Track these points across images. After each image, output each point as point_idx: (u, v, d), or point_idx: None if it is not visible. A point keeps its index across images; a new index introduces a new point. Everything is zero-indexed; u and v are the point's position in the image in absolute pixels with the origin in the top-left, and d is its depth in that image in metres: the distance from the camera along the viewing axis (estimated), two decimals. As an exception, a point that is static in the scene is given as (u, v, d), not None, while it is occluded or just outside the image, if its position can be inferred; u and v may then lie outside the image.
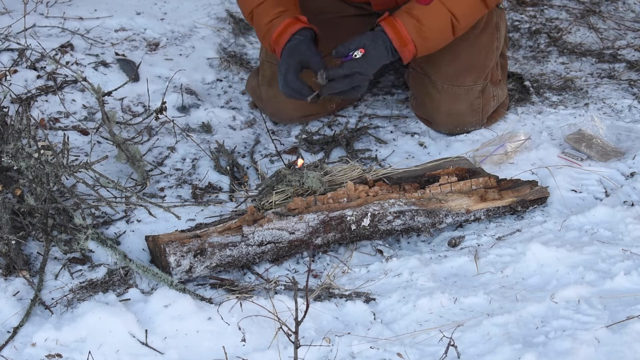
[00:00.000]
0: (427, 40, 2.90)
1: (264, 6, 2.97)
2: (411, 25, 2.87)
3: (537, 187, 2.86)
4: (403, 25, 2.87)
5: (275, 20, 2.94)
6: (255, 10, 2.99)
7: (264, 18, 2.97)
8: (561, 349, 2.20)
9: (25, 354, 2.25)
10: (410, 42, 2.88)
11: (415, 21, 2.87)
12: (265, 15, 2.96)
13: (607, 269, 2.52)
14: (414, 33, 2.87)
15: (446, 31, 2.92)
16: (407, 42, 2.87)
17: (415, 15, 2.88)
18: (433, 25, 2.89)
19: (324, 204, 2.65)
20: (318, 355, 2.27)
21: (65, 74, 3.39)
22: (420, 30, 2.87)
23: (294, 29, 2.90)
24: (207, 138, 3.23)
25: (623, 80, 3.61)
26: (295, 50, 2.88)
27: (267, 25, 2.95)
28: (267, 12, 2.96)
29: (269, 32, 2.94)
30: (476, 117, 3.20)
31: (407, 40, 2.87)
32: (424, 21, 2.87)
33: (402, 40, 2.87)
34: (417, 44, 2.89)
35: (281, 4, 2.97)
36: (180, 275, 2.48)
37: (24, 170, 2.52)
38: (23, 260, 2.52)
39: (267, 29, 2.95)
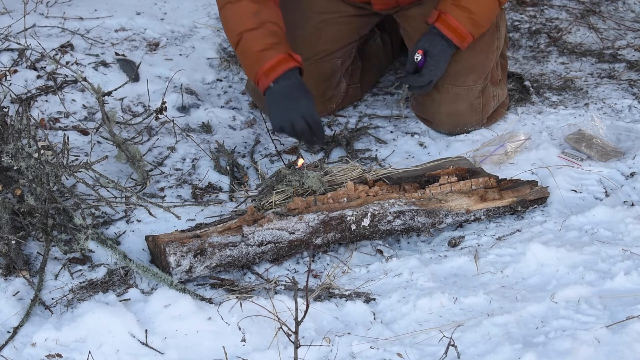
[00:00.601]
0: (481, 27, 3.04)
1: (256, 33, 2.92)
2: (464, 19, 2.98)
3: (537, 187, 2.86)
4: (457, 21, 2.98)
5: (267, 51, 2.89)
6: (246, 34, 2.93)
7: (255, 45, 2.92)
8: (561, 349, 2.20)
9: (25, 354, 2.25)
10: (468, 35, 3.00)
11: (466, 13, 2.98)
12: (256, 42, 2.91)
13: (607, 269, 2.52)
14: (469, 25, 2.99)
15: (494, 8, 3.04)
16: (465, 36, 3.01)
17: (464, 6, 2.98)
18: (484, 10, 3.01)
19: (324, 204, 2.65)
20: (318, 355, 2.27)
21: (65, 74, 3.39)
22: (473, 21, 2.99)
23: (288, 66, 2.88)
24: (207, 138, 3.23)
25: (623, 80, 3.61)
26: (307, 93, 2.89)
27: (258, 53, 2.90)
28: (260, 40, 2.91)
29: (259, 61, 2.90)
30: (476, 117, 3.20)
31: (465, 34, 3.00)
32: (474, 10, 2.98)
33: (461, 36, 3.00)
34: (473, 33, 3.01)
35: (274, 35, 2.93)
36: (180, 275, 2.48)
37: (24, 170, 2.52)
38: (23, 260, 2.52)
39: (257, 57, 2.91)
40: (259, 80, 2.92)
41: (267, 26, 2.93)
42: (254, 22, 2.93)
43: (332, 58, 3.27)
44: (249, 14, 2.94)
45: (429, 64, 3.02)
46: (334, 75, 3.30)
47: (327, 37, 3.25)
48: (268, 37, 2.91)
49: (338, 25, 3.26)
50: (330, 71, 3.28)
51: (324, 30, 3.25)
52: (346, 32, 3.29)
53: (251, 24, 2.93)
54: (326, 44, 3.26)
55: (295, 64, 2.90)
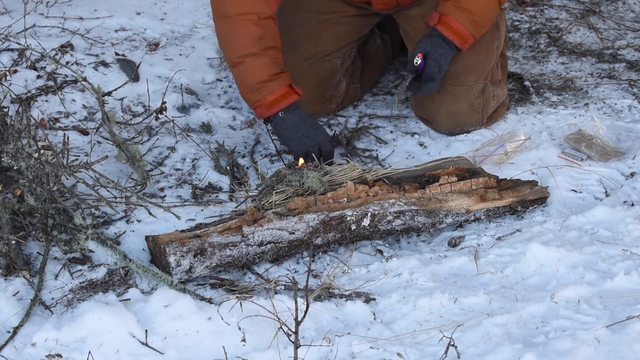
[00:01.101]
0: (482, 28, 3.04)
1: (260, 62, 2.92)
2: (465, 20, 2.98)
3: (537, 187, 2.86)
4: (458, 23, 2.98)
5: (270, 83, 2.92)
6: (249, 60, 2.93)
7: (257, 75, 2.93)
8: (561, 349, 2.20)
9: (25, 354, 2.25)
10: (470, 36, 3.00)
11: (467, 14, 2.98)
12: (259, 72, 2.92)
13: (607, 269, 2.52)
14: (470, 27, 2.99)
15: (494, 7, 3.04)
16: (466, 38, 3.00)
17: (465, 7, 2.98)
18: (484, 10, 3.01)
19: (324, 204, 2.65)
20: (318, 355, 2.27)
21: (65, 74, 3.39)
22: (474, 21, 2.99)
23: (291, 100, 2.94)
24: (207, 138, 3.23)
25: (623, 80, 3.61)
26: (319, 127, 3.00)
27: (260, 84, 2.92)
28: (263, 71, 2.92)
29: (262, 92, 2.92)
30: (476, 117, 3.20)
31: (466, 35, 3.00)
32: (474, 10, 2.98)
33: (462, 37, 3.00)
34: (474, 34, 3.01)
35: (277, 64, 2.94)
36: (180, 275, 2.48)
37: (24, 170, 2.52)
38: (23, 260, 2.52)
39: (258, 87, 2.93)
40: (257, 108, 2.97)
41: (269, 54, 2.93)
42: (258, 48, 2.92)
43: (332, 58, 3.27)
44: (253, 38, 2.92)
45: (430, 66, 3.01)
46: (334, 75, 3.30)
47: (327, 37, 3.25)
48: (271, 67, 2.93)
49: (338, 26, 3.26)
50: (330, 71, 3.28)
51: (324, 30, 3.25)
52: (346, 32, 3.29)
53: (254, 49, 2.92)
54: (326, 44, 3.26)
55: (297, 97, 2.96)
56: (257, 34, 2.92)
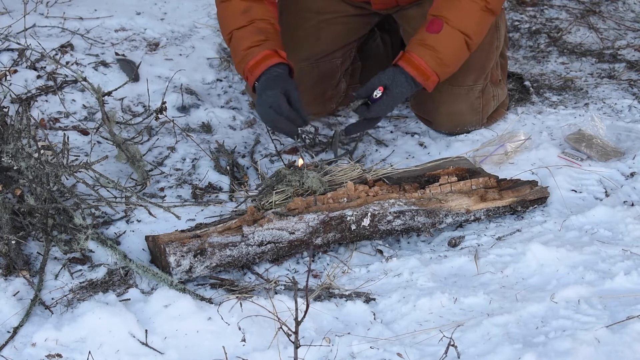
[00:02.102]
0: (447, 67, 2.94)
1: (245, 31, 2.95)
2: (429, 57, 2.90)
3: (537, 187, 2.86)
4: (421, 59, 2.89)
5: (254, 48, 2.92)
6: (235, 32, 2.97)
7: (242, 43, 2.95)
8: (561, 349, 2.20)
9: (25, 354, 2.25)
10: (433, 74, 2.91)
11: (431, 52, 2.90)
12: (244, 40, 2.95)
13: (607, 269, 2.52)
14: (433, 64, 2.90)
15: (462, 51, 2.95)
16: (429, 75, 2.91)
17: (429, 45, 2.90)
18: (449, 51, 2.92)
19: (324, 204, 2.65)
20: (318, 355, 2.27)
21: (65, 74, 3.39)
22: (438, 59, 2.90)
23: (272, 61, 2.90)
24: (207, 138, 3.23)
25: (623, 80, 3.61)
26: (277, 82, 2.86)
27: (244, 51, 2.93)
28: (247, 38, 2.94)
29: (245, 59, 2.93)
30: (476, 117, 3.20)
31: (428, 72, 2.90)
32: (439, 49, 2.89)
33: (424, 74, 2.91)
34: (438, 72, 2.92)
35: (262, 32, 2.95)
36: (180, 275, 2.48)
37: (24, 170, 2.52)
38: (23, 260, 2.52)
39: (243, 55, 2.94)
40: (247, 78, 2.95)
41: (255, 24, 2.95)
42: (244, 20, 2.96)
43: (332, 58, 3.27)
44: (239, 11, 2.97)
45: (384, 102, 2.91)
46: (333, 75, 3.30)
47: (326, 37, 3.25)
48: (255, 35, 2.94)
49: (337, 25, 3.26)
50: (330, 71, 3.28)
51: (323, 30, 3.25)
52: (346, 32, 3.29)
53: (241, 22, 2.96)
54: (326, 44, 3.26)
55: (279, 60, 2.91)
56: (243, 7, 2.96)
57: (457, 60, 2.98)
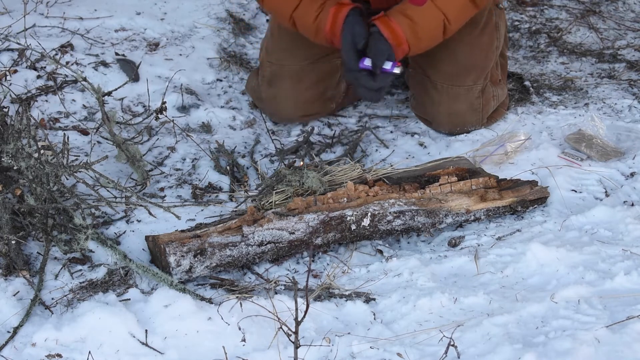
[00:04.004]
0: (420, 40, 2.91)
1: (303, 7, 2.93)
2: (405, 25, 2.88)
3: (537, 187, 2.86)
4: (398, 25, 2.88)
5: (320, 15, 2.90)
6: (295, 14, 2.95)
7: (307, 19, 2.93)
8: (561, 349, 2.20)
9: (25, 354, 2.25)
10: (405, 42, 2.88)
11: (409, 21, 2.88)
12: (307, 15, 2.92)
13: (607, 269, 2.52)
14: (408, 32, 2.88)
15: (437, 31, 2.93)
16: (401, 41, 2.88)
17: (409, 15, 2.89)
18: (426, 25, 2.90)
19: (324, 204, 2.65)
20: (318, 355, 2.27)
21: (65, 74, 3.39)
22: (414, 30, 2.88)
23: (343, 14, 2.88)
24: (207, 138, 3.23)
25: (623, 80, 3.61)
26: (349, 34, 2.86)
27: (314, 24, 2.92)
28: (308, 12, 2.92)
29: (320, 30, 2.91)
30: (476, 117, 3.20)
31: (401, 39, 2.88)
32: (417, 21, 2.88)
33: (398, 39, 2.88)
34: (410, 43, 2.89)
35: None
36: (180, 275, 2.48)
37: (24, 170, 2.52)
38: (23, 260, 2.52)
39: (315, 28, 2.92)
40: (333, 44, 2.93)
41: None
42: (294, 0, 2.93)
43: (332, 58, 3.27)
44: None
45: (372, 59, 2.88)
46: (334, 75, 3.29)
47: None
48: (313, 4, 2.91)
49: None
50: (330, 71, 3.28)
51: (323, 30, 3.25)
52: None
53: (293, 2, 2.93)
54: (326, 44, 3.25)
55: (348, 8, 2.88)
56: None
57: (430, 38, 2.95)
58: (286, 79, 3.23)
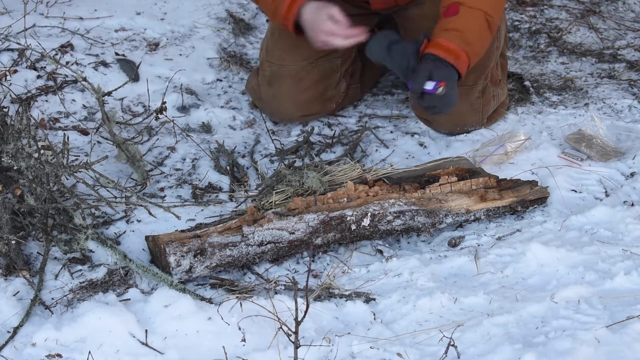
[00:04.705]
0: (473, 45, 2.92)
1: None
2: (453, 37, 2.88)
3: (537, 187, 2.86)
4: (446, 40, 2.87)
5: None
6: None
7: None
8: (561, 349, 2.20)
9: (25, 354, 2.25)
10: (461, 52, 2.88)
11: (454, 32, 2.88)
12: None
13: (607, 269, 2.52)
14: (459, 42, 2.88)
15: (484, 29, 2.94)
16: (459, 54, 2.88)
17: (451, 27, 2.90)
18: (472, 29, 2.91)
19: (324, 204, 2.65)
20: (318, 355, 2.27)
21: (65, 74, 3.39)
22: (463, 37, 2.89)
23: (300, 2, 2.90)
24: (207, 138, 3.23)
25: (623, 80, 3.61)
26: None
27: (273, 3, 2.93)
28: None
29: (278, 8, 2.93)
30: (476, 117, 3.20)
31: (457, 51, 2.87)
32: (461, 28, 2.89)
33: (454, 53, 2.87)
34: (467, 51, 2.89)
35: None
36: (180, 275, 2.48)
37: (24, 170, 2.52)
38: (23, 260, 2.52)
39: (275, 5, 2.94)
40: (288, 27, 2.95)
41: None
42: None
43: (332, 58, 3.27)
44: None
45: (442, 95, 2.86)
46: (333, 75, 3.30)
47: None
48: None
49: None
50: (330, 71, 3.28)
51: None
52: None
53: None
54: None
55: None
56: None
57: (481, 39, 2.97)
58: (286, 79, 3.23)
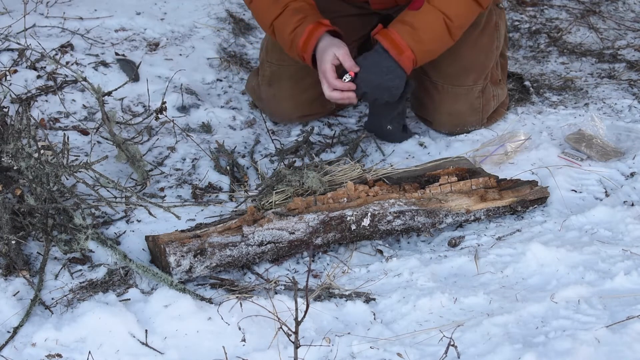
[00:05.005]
0: (423, 44, 2.90)
1: (283, 17, 2.95)
2: (404, 32, 2.88)
3: (537, 187, 2.86)
4: (396, 33, 2.88)
5: (297, 29, 2.92)
6: (275, 22, 2.97)
7: (285, 29, 2.94)
8: (561, 349, 2.20)
9: (25, 354, 2.25)
10: (407, 48, 2.88)
11: (408, 27, 2.88)
12: (286, 26, 2.94)
13: (607, 269, 2.52)
14: (408, 38, 2.87)
15: (441, 32, 2.91)
16: (403, 49, 2.88)
17: (407, 21, 2.90)
18: (426, 28, 2.89)
19: (324, 204, 2.65)
20: (318, 355, 2.27)
21: (65, 74, 3.39)
22: (414, 35, 2.87)
23: (319, 33, 2.91)
24: (207, 138, 3.23)
25: (623, 80, 3.61)
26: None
27: (290, 35, 2.93)
28: (288, 23, 2.94)
29: (294, 42, 2.93)
30: (476, 117, 3.20)
31: (402, 46, 2.88)
32: (416, 25, 2.88)
33: (398, 48, 2.88)
34: (413, 49, 2.88)
35: (300, 11, 2.94)
36: (180, 275, 2.48)
37: (24, 170, 2.52)
38: (23, 260, 2.52)
39: (291, 39, 2.94)
40: (304, 59, 2.96)
41: (290, 6, 2.95)
42: (278, 9, 2.96)
43: (332, 58, 3.27)
44: (270, 2, 2.97)
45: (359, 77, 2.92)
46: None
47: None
48: (294, 16, 2.93)
49: (338, 25, 3.25)
50: (331, 71, 3.28)
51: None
52: (346, 31, 3.28)
53: (276, 11, 2.96)
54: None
55: (324, 29, 2.92)
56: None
57: (435, 41, 2.94)
58: (286, 79, 3.23)
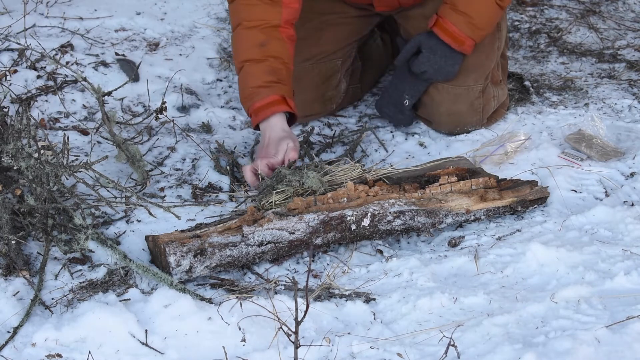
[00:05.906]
0: (481, 30, 2.99)
1: (258, 67, 2.88)
2: (461, 23, 2.95)
3: (537, 187, 2.86)
4: (453, 25, 2.93)
5: (262, 89, 2.86)
6: (248, 64, 2.90)
7: (252, 79, 2.88)
8: (561, 349, 2.20)
9: (25, 354, 2.25)
10: (467, 39, 2.97)
11: (463, 17, 2.94)
12: (255, 77, 2.88)
13: (607, 269, 2.52)
14: (466, 29, 2.96)
15: (494, 10, 2.99)
16: (463, 40, 2.97)
17: (461, 11, 2.95)
18: (482, 12, 2.97)
19: (324, 204, 2.65)
20: (318, 355, 2.27)
21: (65, 74, 3.39)
22: (471, 24, 2.96)
23: (278, 109, 2.85)
24: (207, 138, 3.23)
25: (623, 80, 3.61)
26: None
27: (252, 89, 2.88)
28: (258, 76, 2.87)
29: (252, 97, 2.87)
30: (476, 117, 3.20)
31: (462, 38, 2.97)
32: (472, 14, 2.95)
33: (458, 40, 2.97)
34: (473, 36, 2.98)
35: (275, 72, 2.87)
36: (180, 275, 2.48)
37: (24, 170, 2.52)
38: (23, 260, 2.52)
39: (251, 92, 2.88)
40: (250, 116, 2.91)
41: (269, 61, 2.87)
42: (259, 54, 2.88)
43: (333, 58, 3.27)
44: (256, 43, 2.89)
45: (423, 56, 3.02)
46: (334, 75, 3.30)
47: (327, 37, 3.25)
48: (267, 74, 2.87)
49: (339, 26, 3.26)
50: (331, 71, 3.28)
51: (324, 31, 3.25)
52: (347, 32, 3.29)
53: (255, 55, 2.89)
54: (327, 45, 3.26)
55: (286, 109, 2.86)
56: (260, 40, 2.89)
57: (491, 22, 3.03)
58: (286, 80, 3.22)
